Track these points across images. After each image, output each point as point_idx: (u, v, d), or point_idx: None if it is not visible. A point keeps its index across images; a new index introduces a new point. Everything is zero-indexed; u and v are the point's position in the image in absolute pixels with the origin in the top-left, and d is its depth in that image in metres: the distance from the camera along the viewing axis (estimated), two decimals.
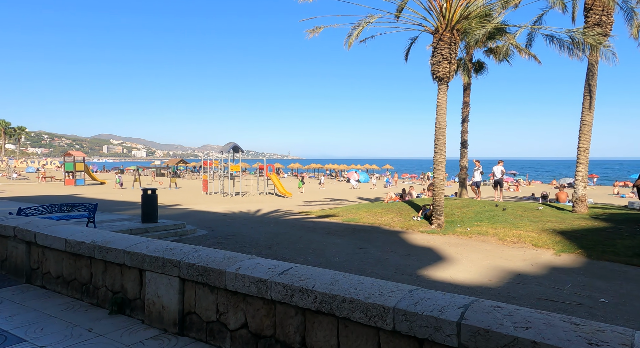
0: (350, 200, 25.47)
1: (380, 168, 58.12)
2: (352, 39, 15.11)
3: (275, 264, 3.06)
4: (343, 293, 2.44)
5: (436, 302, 2.16)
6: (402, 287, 2.44)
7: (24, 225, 4.92)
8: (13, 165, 56.70)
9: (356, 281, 2.58)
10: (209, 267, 3.19)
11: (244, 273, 2.97)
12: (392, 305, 2.21)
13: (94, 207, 11.62)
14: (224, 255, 3.37)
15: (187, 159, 75.22)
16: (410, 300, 2.22)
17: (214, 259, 3.29)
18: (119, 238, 4.11)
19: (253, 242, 11.32)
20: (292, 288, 2.66)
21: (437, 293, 2.31)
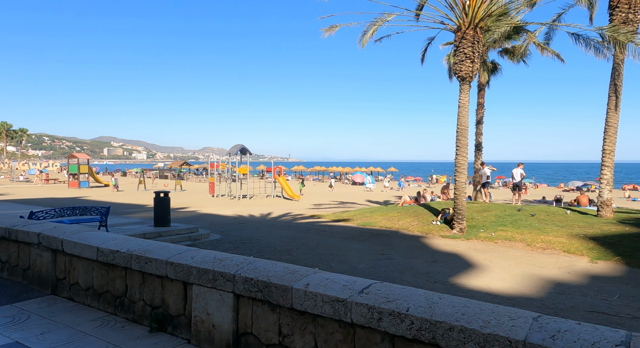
0: (360, 203, 25.10)
1: (384, 170, 57.72)
2: (367, 37, 14.79)
3: (349, 280, 2.70)
4: (448, 320, 2.07)
5: (580, 336, 1.79)
6: (521, 314, 2.08)
7: (49, 231, 4.56)
8: (16, 167, 56.40)
9: (459, 304, 2.22)
10: (271, 283, 2.83)
11: (316, 290, 2.61)
12: (520, 338, 1.85)
13: (107, 211, 11.26)
14: (284, 268, 3.01)
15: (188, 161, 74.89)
16: (544, 333, 1.86)
17: (274, 273, 2.93)
18: (158, 247, 3.76)
19: (270, 247, 10.95)
20: (380, 311, 2.30)
21: (571, 322, 1.95)
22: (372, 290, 2.50)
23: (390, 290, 2.49)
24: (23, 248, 4.87)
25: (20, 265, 4.90)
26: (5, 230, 4.95)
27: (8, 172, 54.59)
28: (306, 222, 16.31)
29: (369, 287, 2.55)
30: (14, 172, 48.76)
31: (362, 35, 14.92)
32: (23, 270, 4.88)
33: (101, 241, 4.12)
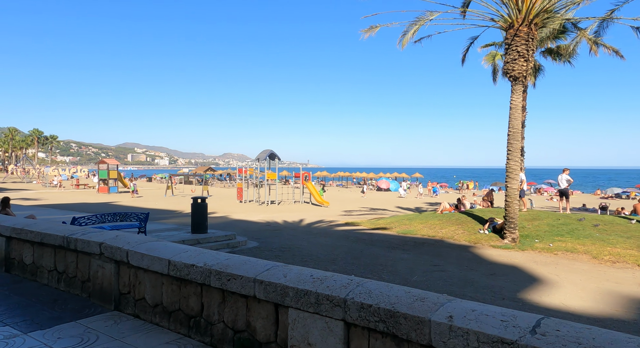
0: (391, 210, 24.42)
1: (409, 176, 56.68)
2: (407, 38, 14.29)
3: (505, 313, 2.19)
4: None
5: None
6: None
7: (111, 241, 4.23)
8: (48, 173, 58.13)
9: None
10: (398, 312, 2.35)
11: (466, 326, 2.11)
12: None
13: (146, 217, 11.07)
14: (406, 293, 2.52)
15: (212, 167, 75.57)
16: None
17: (397, 299, 2.45)
18: (239, 262, 3.33)
19: (313, 256, 10.49)
20: None
21: None
22: (546, 329, 1.97)
23: (568, 329, 1.96)
24: (82, 259, 4.56)
25: (79, 276, 4.58)
26: (63, 238, 4.66)
27: (40, 177, 56.25)
28: (342, 229, 15.80)
29: (538, 324, 2.03)
30: (46, 177, 50.17)
31: (402, 36, 14.42)
32: (82, 282, 4.55)
33: (172, 253, 3.73)
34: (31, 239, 5.12)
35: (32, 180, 55.07)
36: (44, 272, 5.02)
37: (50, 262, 4.94)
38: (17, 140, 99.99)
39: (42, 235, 4.94)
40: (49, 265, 4.96)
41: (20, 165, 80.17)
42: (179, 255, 3.70)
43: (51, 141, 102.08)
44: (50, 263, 4.93)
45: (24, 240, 5.27)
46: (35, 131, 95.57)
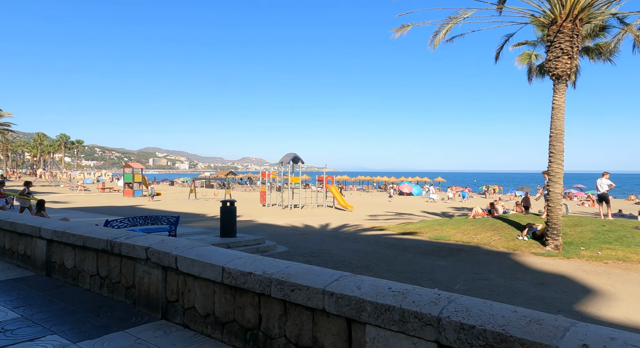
0: (417, 214, 23.85)
1: (432, 180, 55.64)
2: (440, 37, 13.86)
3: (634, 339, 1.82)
4: None
5: None
6: None
7: (158, 245, 4.02)
8: (74, 176, 59.71)
9: None
10: (512, 336, 2.00)
11: None
12: None
13: (176, 220, 10.98)
14: (513, 313, 2.18)
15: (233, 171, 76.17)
16: None
17: (506, 320, 2.11)
18: (301, 271, 3.04)
19: (345, 262, 10.16)
20: None
21: None
22: None
23: None
24: (126, 264, 4.37)
25: (123, 282, 4.40)
26: (107, 242, 4.49)
27: (67, 181, 57.78)
28: (370, 234, 15.40)
29: None
30: (73, 181, 51.49)
31: (434, 36, 14.01)
32: (126, 288, 4.36)
33: (225, 259, 3.48)
34: (73, 243, 4.98)
35: (60, 183, 56.60)
36: (86, 276, 4.86)
37: (92, 266, 4.79)
38: (45, 145, 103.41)
39: (84, 238, 4.79)
40: (91, 269, 4.80)
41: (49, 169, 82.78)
42: (232, 261, 3.44)
43: (77, 146, 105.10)
44: (93, 268, 4.78)
45: (66, 243, 5.15)
46: (63, 136, 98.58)
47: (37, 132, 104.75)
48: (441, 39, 14.00)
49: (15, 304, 4.22)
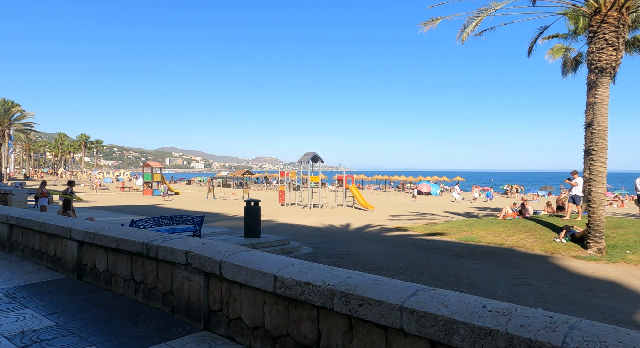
0: (439, 215, 23.26)
1: (450, 180, 54.60)
2: (469, 30, 13.32)
3: None
4: None
5: None
6: None
7: (199, 249, 3.72)
8: (95, 176, 60.77)
9: None
10: None
11: None
12: None
13: (201, 220, 10.77)
14: None
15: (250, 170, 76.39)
16: None
17: None
18: (369, 282, 2.69)
19: (375, 264, 9.78)
20: None
21: None
22: None
23: None
24: (164, 268, 4.09)
25: (160, 288, 4.12)
26: (142, 245, 4.22)
27: (87, 180, 58.81)
28: (395, 235, 14.97)
29: None
30: (94, 180, 52.35)
31: (463, 29, 13.49)
32: (163, 295, 4.09)
33: (276, 266, 3.15)
34: (105, 245, 4.74)
35: (80, 183, 57.66)
36: (120, 281, 4.61)
37: (126, 270, 4.53)
38: (65, 144, 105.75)
39: (118, 240, 4.54)
40: (124, 273, 4.55)
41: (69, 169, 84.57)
42: (285, 269, 3.11)
43: (97, 146, 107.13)
44: (127, 272, 4.52)
45: (97, 245, 4.91)
46: (83, 136, 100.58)
47: (58, 132, 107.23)
48: (470, 33, 13.46)
49: (48, 310, 3.99)
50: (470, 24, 13.18)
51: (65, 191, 15.37)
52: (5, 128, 49.02)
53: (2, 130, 48.65)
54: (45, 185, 16.51)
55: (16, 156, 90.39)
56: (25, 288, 4.73)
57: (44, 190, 15.60)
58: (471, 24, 13.13)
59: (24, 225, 6.24)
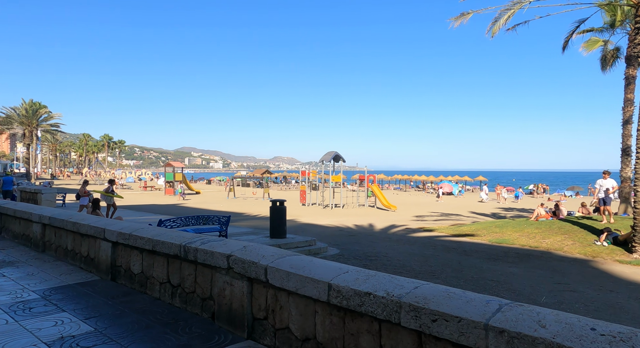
0: (464, 215, 22.64)
1: (472, 179, 53.42)
2: (500, 24, 12.83)
3: None
4: None
5: None
6: None
7: (241, 253, 3.51)
8: (120, 176, 62.13)
9: None
10: None
11: None
12: None
13: (227, 220, 10.65)
14: None
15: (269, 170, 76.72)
16: None
17: None
18: (440, 294, 2.40)
19: (406, 267, 9.44)
20: None
21: None
22: None
23: None
24: (203, 272, 3.90)
25: (198, 292, 3.94)
26: (180, 247, 4.04)
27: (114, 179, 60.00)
28: (422, 236, 14.56)
29: None
30: (120, 180, 53.43)
31: (493, 23, 12.99)
32: (202, 300, 3.90)
33: (329, 273, 2.90)
34: (140, 246, 4.60)
35: (104, 182, 59.00)
36: (155, 283, 4.45)
37: (162, 273, 4.37)
38: (90, 145, 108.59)
39: (154, 242, 4.38)
40: (160, 276, 4.39)
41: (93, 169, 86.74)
42: (339, 277, 2.86)
43: (119, 146, 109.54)
44: (163, 275, 4.36)
45: (132, 246, 4.78)
46: (106, 136, 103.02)
47: (82, 133, 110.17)
48: (502, 26, 12.96)
49: (85, 314, 3.85)
50: (502, 17, 12.68)
51: (106, 190, 15.54)
52: (33, 129, 50.52)
53: (31, 130, 50.16)
54: (87, 185, 16.71)
55: (43, 156, 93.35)
56: (61, 290, 4.62)
57: (85, 189, 15.79)
58: (503, 16, 12.63)
59: (57, 224, 6.19)
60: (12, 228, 7.90)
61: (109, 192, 15.36)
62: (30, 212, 6.95)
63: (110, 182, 16.16)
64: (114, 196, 15.46)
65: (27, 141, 51.20)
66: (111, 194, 15.38)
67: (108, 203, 15.16)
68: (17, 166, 75.26)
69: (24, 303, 4.17)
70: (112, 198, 15.31)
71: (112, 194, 15.41)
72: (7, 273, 5.36)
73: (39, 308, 4.00)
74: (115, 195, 15.61)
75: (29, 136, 50.51)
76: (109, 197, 15.30)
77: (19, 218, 7.50)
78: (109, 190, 15.46)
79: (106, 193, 15.41)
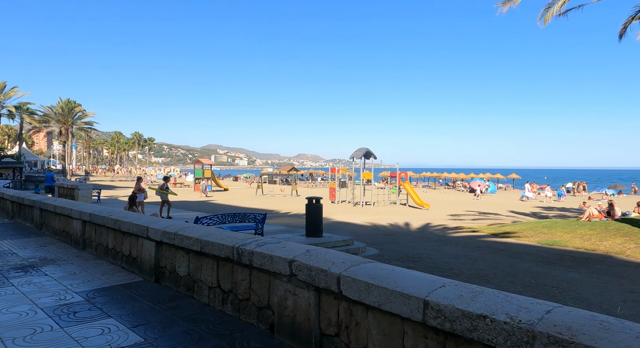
0: (502, 214, 21.58)
1: (505, 177, 51.46)
2: (555, 9, 11.91)
3: None
4: None
5: None
6: None
7: (305, 258, 3.08)
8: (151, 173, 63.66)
9: None
10: None
11: None
12: None
13: (263, 218, 10.34)
14: None
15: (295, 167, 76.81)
16: None
17: None
18: (586, 322, 1.89)
19: (454, 270, 8.82)
20: None
21: None
22: None
23: None
24: (259, 278, 3.50)
25: (254, 300, 3.54)
26: (232, 249, 3.66)
27: (145, 176, 61.55)
28: (462, 236, 13.82)
29: None
30: (150, 176, 54.69)
31: (547, 9, 12.07)
32: (258, 309, 3.49)
33: (424, 287, 2.41)
34: (187, 247, 4.25)
35: (134, 179, 60.54)
36: (204, 288, 4.10)
37: (211, 276, 4.01)
38: (121, 142, 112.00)
39: (202, 243, 4.02)
40: (209, 280, 4.03)
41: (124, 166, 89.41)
42: (436, 291, 2.37)
43: (149, 143, 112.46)
44: (212, 279, 3.99)
45: (178, 246, 4.44)
46: (136, 134, 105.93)
47: (114, 131, 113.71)
48: (555, 13, 12.03)
49: (133, 321, 3.53)
50: (556, 3, 11.76)
51: (161, 187, 15.63)
52: (69, 127, 52.32)
53: (67, 128, 51.94)
54: (142, 182, 16.82)
55: (77, 153, 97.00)
56: (105, 292, 4.35)
57: (140, 186, 15.91)
58: (558, 2, 11.71)
59: (98, 222, 5.98)
60: (52, 224, 7.82)
61: (163, 189, 15.41)
62: (70, 208, 6.80)
63: (165, 179, 16.21)
64: (168, 193, 15.47)
65: (63, 139, 53.10)
66: (166, 191, 15.41)
67: (162, 200, 15.19)
68: (54, 163, 78.40)
69: (68, 306, 3.89)
70: (167, 195, 15.30)
71: (166, 191, 15.44)
72: (50, 271, 5.16)
73: (84, 313, 3.71)
74: (169, 192, 15.63)
75: (65, 134, 52.35)
76: (163, 193, 15.33)
77: (59, 215, 7.39)
78: (163, 187, 15.51)
79: (161, 190, 15.46)
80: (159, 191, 15.52)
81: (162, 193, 15.31)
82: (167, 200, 15.16)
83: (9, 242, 7.18)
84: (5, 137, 58.36)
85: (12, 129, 57.15)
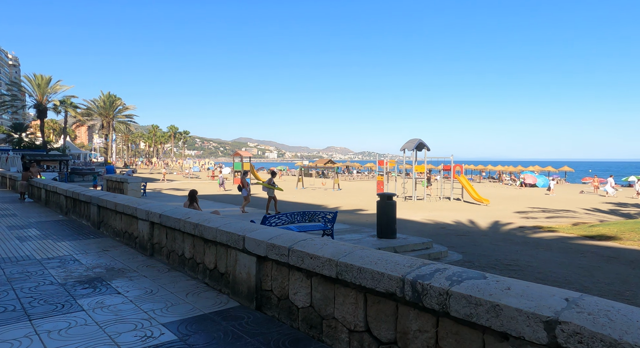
0: (576, 211, 19.47)
1: (557, 170, 48.07)
2: None
3: None
4: None
5: None
6: None
7: (577, 317, 1.78)
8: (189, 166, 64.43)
9: None
10: None
11: None
12: None
13: (333, 217, 9.16)
14: None
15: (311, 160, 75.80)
16: None
17: None
18: None
19: (573, 284, 7.31)
20: None
21: None
22: None
23: None
24: (457, 332, 2.25)
25: None
26: (401, 283, 2.43)
27: (179, 169, 62.35)
28: (547, 237, 12.14)
29: None
30: (187, 169, 55.14)
31: None
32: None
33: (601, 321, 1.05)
34: (310, 268, 3.06)
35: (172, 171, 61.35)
36: (341, 330, 2.90)
37: (355, 316, 2.80)
38: (158, 135, 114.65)
39: (340, 266, 2.81)
40: (351, 321, 2.82)
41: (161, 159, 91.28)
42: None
43: (184, 136, 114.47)
44: (357, 320, 2.78)
45: (292, 266, 3.27)
46: (172, 127, 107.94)
47: (151, 124, 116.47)
48: None
49: None
50: None
51: (268, 181, 14.84)
52: (110, 120, 53.37)
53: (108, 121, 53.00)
54: (246, 175, 16.06)
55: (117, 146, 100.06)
56: (199, 325, 3.25)
57: (245, 180, 15.20)
58: None
59: (170, 225, 4.94)
60: (112, 223, 6.95)
61: (270, 184, 14.58)
62: (134, 207, 5.83)
63: (271, 174, 15.28)
64: (275, 188, 14.62)
65: (104, 132, 54.30)
66: (272, 186, 14.57)
67: (269, 196, 14.38)
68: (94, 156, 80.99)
69: None
70: (273, 191, 14.45)
71: (273, 186, 14.59)
72: (122, 288, 4.16)
73: None
74: (276, 187, 14.76)
75: (106, 127, 53.46)
76: (270, 189, 14.50)
77: (121, 213, 6.47)
78: (270, 181, 14.66)
79: (267, 185, 14.65)
80: (267, 186, 14.67)
81: (269, 189, 14.43)
82: (274, 196, 14.27)
83: (68, 245, 6.33)
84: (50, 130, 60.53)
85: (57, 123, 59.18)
